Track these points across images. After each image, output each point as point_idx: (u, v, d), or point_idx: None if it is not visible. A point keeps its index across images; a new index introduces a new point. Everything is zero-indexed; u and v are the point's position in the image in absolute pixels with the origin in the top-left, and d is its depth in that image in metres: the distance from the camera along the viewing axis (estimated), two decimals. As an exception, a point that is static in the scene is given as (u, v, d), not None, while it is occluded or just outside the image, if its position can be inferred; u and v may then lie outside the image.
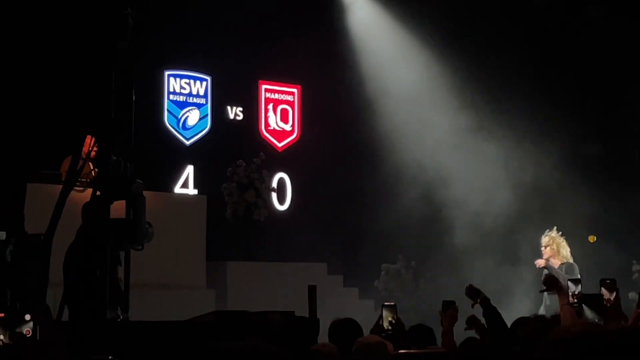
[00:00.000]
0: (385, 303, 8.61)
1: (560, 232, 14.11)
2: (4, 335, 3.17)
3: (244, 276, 14.74)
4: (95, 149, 10.43)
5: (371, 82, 17.27)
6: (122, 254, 8.53)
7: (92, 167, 11.07)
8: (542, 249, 14.03)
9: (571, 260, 13.84)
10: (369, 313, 11.69)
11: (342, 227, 16.53)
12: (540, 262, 13.75)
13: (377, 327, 7.80)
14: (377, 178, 16.85)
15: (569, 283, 9.36)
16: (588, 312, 8.10)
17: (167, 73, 16.54)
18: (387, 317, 7.80)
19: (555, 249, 13.91)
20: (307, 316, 9.05)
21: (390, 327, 7.67)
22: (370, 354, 6.20)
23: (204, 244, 14.51)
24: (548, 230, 14.15)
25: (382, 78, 17.28)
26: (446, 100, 17.39)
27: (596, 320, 7.38)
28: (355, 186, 16.71)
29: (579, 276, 13.54)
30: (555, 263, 13.70)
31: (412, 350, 7.07)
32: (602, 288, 8.66)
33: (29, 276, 7.18)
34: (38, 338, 3.21)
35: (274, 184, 16.84)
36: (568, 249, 13.98)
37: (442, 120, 17.15)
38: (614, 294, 8.60)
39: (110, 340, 6.38)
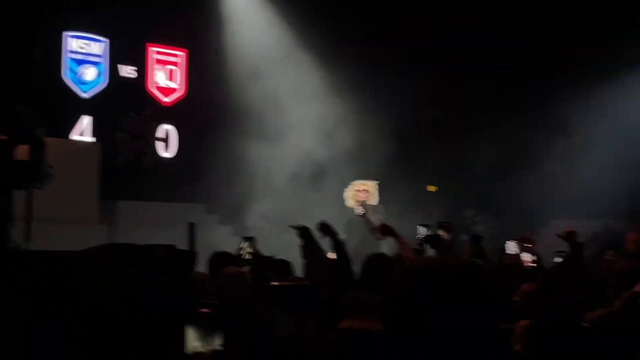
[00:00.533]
0: (245, 235, 8.66)
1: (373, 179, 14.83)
2: None
3: (133, 214, 14.70)
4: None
5: (250, 48, 17.21)
6: (23, 191, 8.43)
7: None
8: (358, 192, 14.54)
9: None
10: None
11: (221, 172, 16.47)
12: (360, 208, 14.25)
13: (237, 257, 7.84)
14: (253, 130, 16.82)
15: (418, 227, 9.57)
16: (429, 250, 8.28)
17: (67, 34, 16.26)
18: (247, 249, 7.84)
19: (371, 193, 14.57)
20: (187, 249, 9.07)
21: (250, 258, 7.71)
22: (231, 283, 6.23)
23: (97, 185, 14.42)
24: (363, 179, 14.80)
25: (259, 45, 17.25)
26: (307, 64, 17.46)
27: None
28: (234, 138, 16.65)
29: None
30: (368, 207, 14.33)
31: (283, 282, 7.10)
32: (440, 230, 8.89)
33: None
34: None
35: (161, 134, 16.77)
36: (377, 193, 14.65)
37: (302, 84, 17.24)
38: (450, 235, 8.84)
39: (10, 265, 6.30)
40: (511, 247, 10.29)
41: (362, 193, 14.57)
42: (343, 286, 6.71)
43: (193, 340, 2.89)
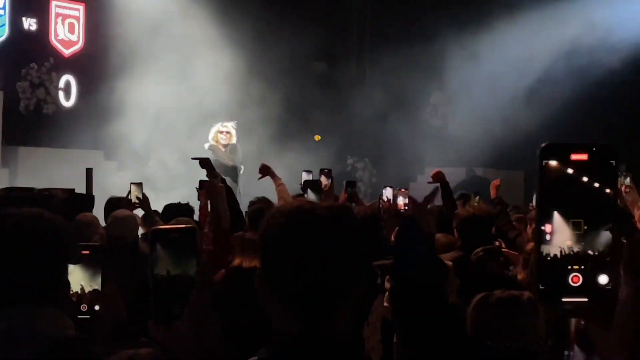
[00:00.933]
0: (133, 181, 8.60)
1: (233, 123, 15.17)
2: None
3: (34, 159, 14.44)
4: None
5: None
6: None
7: None
8: (219, 133, 14.98)
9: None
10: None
11: (120, 121, 16.25)
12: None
13: (126, 201, 7.79)
14: (152, 79, 16.59)
15: (303, 173, 9.61)
16: (311, 195, 8.31)
17: (-32, -15, 15.80)
18: (135, 193, 7.79)
19: (231, 133, 15.10)
20: (85, 193, 8.94)
21: (137, 202, 7.68)
22: (121, 224, 6.18)
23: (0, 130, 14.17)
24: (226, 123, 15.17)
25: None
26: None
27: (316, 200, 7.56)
28: (133, 86, 16.40)
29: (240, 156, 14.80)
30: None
31: (167, 225, 7.06)
32: (322, 176, 8.92)
33: None
34: None
35: (61, 84, 16.47)
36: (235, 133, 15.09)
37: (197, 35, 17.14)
38: (330, 180, 8.89)
39: None
40: (388, 192, 10.42)
41: (224, 134, 14.98)
42: (233, 226, 6.73)
43: (79, 280, 2.82)
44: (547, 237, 1.78)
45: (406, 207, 8.32)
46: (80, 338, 2.38)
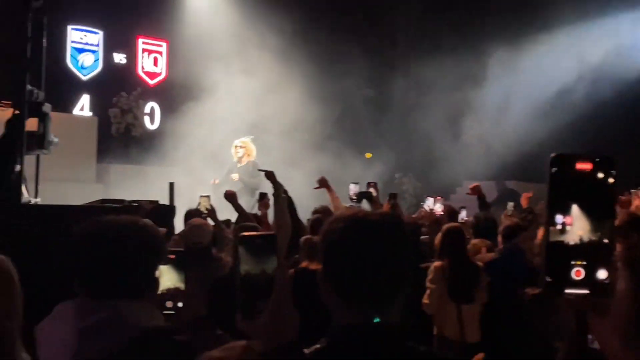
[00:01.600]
0: (202, 194, 8.69)
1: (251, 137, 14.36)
2: None
3: (123, 175, 14.61)
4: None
5: (216, 37, 17.08)
6: (33, 156, 8.35)
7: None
8: (237, 147, 14.10)
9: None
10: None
11: (194, 141, 16.40)
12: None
13: (195, 211, 7.84)
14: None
15: (351, 185, 9.60)
16: (365, 204, 8.33)
17: (70, 27, 16.15)
18: (203, 204, 7.84)
19: (248, 148, 14.10)
20: (168, 204, 9.05)
21: (206, 212, 7.72)
22: (197, 231, 6.25)
23: (95, 151, 14.37)
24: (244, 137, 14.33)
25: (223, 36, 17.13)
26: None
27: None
28: (201, 111, 16.54)
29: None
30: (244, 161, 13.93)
31: (252, 233, 7.08)
32: (370, 188, 8.93)
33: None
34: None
35: (147, 109, 16.69)
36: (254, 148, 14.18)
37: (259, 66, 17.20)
38: (376, 192, 8.91)
39: (24, 217, 6.26)
40: (429, 202, 10.42)
41: (240, 149, 14.16)
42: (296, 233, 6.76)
43: (166, 280, 2.89)
44: (557, 234, 1.83)
45: (442, 214, 8.29)
46: (168, 328, 2.45)
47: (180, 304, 2.89)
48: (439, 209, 8.89)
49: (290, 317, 1.58)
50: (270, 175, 7.38)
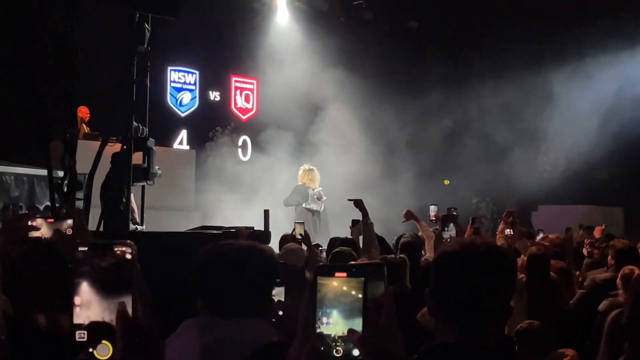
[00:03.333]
0: (296, 221, 8.71)
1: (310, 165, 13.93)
2: (52, 233, 3.04)
3: (221, 203, 14.78)
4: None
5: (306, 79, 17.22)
6: (139, 187, 8.54)
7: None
8: (306, 171, 13.57)
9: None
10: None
11: (289, 171, 16.58)
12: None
13: (291, 237, 7.85)
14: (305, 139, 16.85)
15: (431, 207, 9.48)
16: (450, 229, 8.12)
17: (169, 68, 16.54)
18: (298, 231, 7.87)
19: (312, 177, 13.54)
20: (263, 230, 9.11)
21: (300, 237, 7.73)
22: (292, 255, 6.28)
23: (193, 181, 14.60)
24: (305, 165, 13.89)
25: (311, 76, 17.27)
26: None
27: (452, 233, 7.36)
28: (300, 143, 16.68)
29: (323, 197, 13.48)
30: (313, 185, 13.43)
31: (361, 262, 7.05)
32: (452, 210, 8.78)
33: (77, 201, 7.12)
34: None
35: (240, 142, 16.92)
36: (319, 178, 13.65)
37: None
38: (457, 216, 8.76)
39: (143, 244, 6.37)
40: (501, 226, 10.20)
41: (309, 172, 13.65)
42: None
43: (278, 295, 2.92)
44: None
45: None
46: (279, 343, 2.46)
47: (280, 312, 2.90)
48: (508, 232, 8.64)
49: (399, 336, 1.56)
50: (359, 204, 7.37)
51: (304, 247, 7.45)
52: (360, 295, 1.80)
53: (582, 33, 17.45)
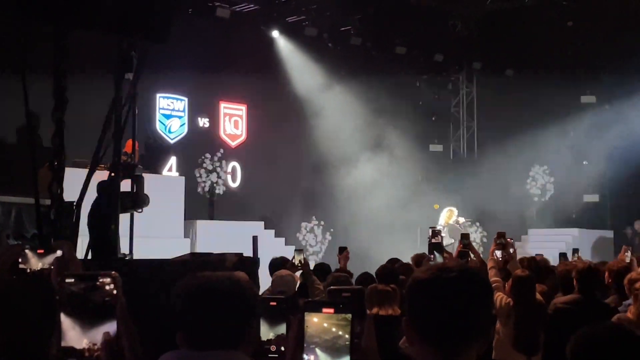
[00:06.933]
0: (296, 248, 8.71)
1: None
2: (42, 264, 3.04)
3: (208, 230, 14.75)
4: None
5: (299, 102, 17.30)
6: (127, 215, 8.52)
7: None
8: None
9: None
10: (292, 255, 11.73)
11: (275, 198, 16.58)
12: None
13: (291, 265, 7.83)
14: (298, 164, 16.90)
15: (430, 230, 9.51)
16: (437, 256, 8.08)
17: (158, 95, 16.54)
18: (297, 258, 7.85)
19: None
20: (251, 256, 9.09)
21: (299, 265, 7.71)
22: (282, 282, 6.27)
23: (182, 209, 14.54)
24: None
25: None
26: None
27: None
28: (287, 169, 16.74)
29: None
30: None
31: (341, 287, 7.05)
32: (437, 236, 8.68)
33: (65, 229, 7.09)
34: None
35: (229, 169, 16.90)
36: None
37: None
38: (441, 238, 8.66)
39: (119, 271, 6.35)
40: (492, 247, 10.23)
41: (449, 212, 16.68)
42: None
43: (265, 330, 2.91)
44: None
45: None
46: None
47: (282, 348, 2.88)
48: (499, 254, 8.64)
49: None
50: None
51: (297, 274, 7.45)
52: (347, 335, 1.81)
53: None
